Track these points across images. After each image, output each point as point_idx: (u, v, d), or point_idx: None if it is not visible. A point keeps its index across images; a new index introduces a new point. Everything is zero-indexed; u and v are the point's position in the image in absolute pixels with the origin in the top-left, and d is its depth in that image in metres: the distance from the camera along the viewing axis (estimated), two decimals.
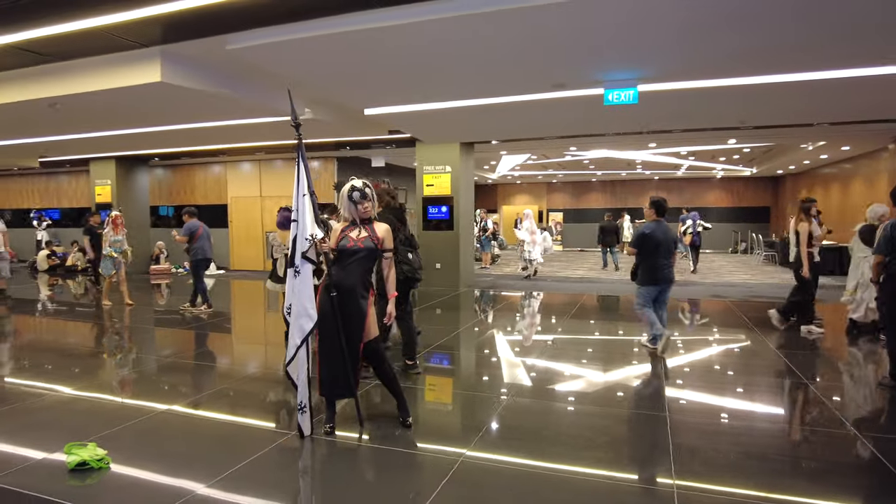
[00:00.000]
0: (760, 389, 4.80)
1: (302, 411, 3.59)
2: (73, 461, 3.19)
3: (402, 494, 2.98)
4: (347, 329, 3.59)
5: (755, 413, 4.26)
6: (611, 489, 3.00)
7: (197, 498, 2.91)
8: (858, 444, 3.59)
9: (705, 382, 4.97)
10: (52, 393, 4.67)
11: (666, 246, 5.57)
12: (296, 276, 3.57)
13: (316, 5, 4.51)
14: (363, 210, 3.63)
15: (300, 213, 3.58)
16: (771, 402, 4.51)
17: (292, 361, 3.59)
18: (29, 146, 11.13)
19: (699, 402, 4.46)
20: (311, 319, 3.55)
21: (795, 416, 4.28)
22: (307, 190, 3.59)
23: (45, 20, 4.89)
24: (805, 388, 4.76)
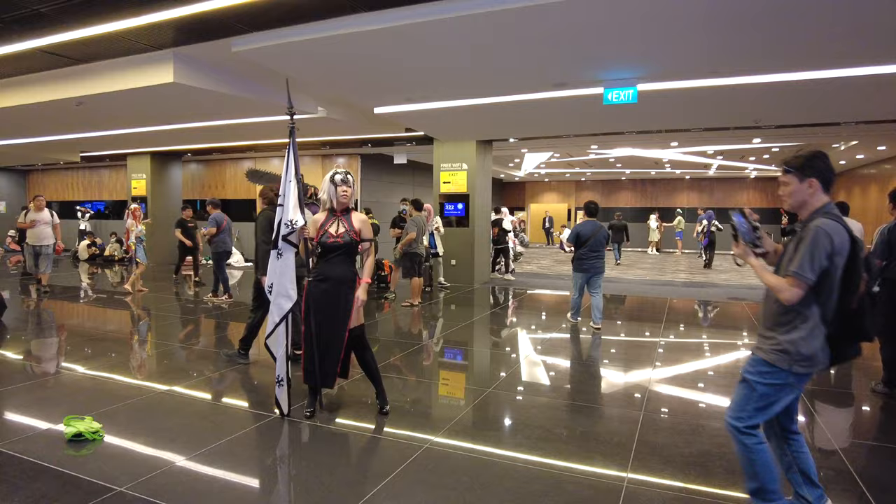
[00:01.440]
0: None
1: (279, 384, 3.82)
2: (69, 432, 3.48)
3: (363, 474, 3.16)
4: (335, 319, 3.76)
5: None
6: (560, 478, 3.10)
7: (175, 469, 3.16)
8: (828, 448, 3.58)
9: (691, 384, 4.98)
10: (66, 372, 5.05)
11: (595, 240, 6.69)
12: (278, 257, 3.78)
13: (314, 10, 4.71)
14: (342, 193, 3.73)
15: (285, 198, 3.77)
16: None
17: (271, 336, 3.83)
18: (68, 142, 11.79)
19: (680, 402, 4.49)
20: (290, 300, 3.78)
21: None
22: (294, 176, 3.78)
23: (66, 26, 5.25)
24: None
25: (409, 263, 8.49)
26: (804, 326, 2.32)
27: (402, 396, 4.45)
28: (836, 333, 2.32)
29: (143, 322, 7.67)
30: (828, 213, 2.31)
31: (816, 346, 2.32)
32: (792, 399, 2.45)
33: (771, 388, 2.39)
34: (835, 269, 2.26)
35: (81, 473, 3.04)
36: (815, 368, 2.36)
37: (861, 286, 2.22)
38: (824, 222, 2.27)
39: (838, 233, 2.24)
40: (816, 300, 2.30)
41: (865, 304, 2.25)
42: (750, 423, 2.42)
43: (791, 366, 2.33)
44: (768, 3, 4.20)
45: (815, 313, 2.30)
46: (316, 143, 12.99)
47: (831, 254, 2.23)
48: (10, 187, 20.45)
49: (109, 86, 6.18)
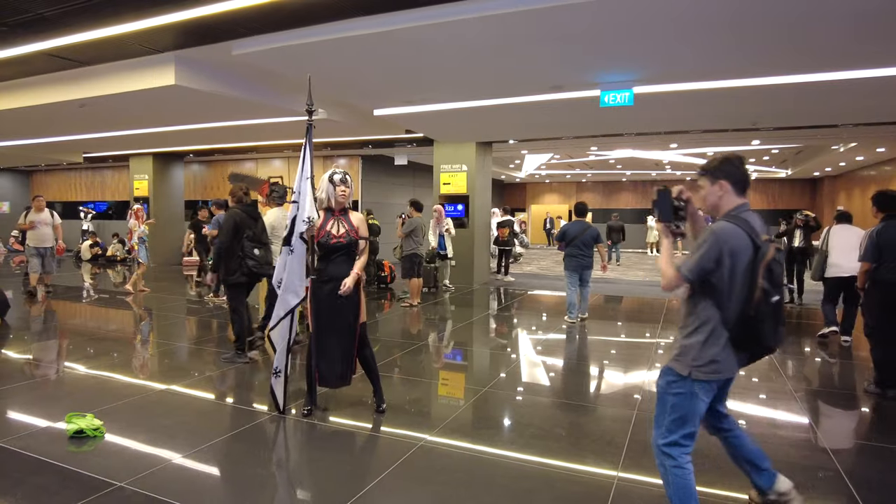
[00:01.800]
0: (745, 394, 4.82)
1: (276, 376, 3.88)
2: (71, 429, 3.55)
3: (358, 471, 3.22)
4: (344, 317, 3.82)
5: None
6: (552, 476, 3.16)
7: (174, 465, 3.22)
8: (818, 448, 3.63)
9: None
10: (68, 370, 5.12)
11: (581, 239, 7.06)
12: (290, 253, 3.82)
13: (313, 13, 4.78)
14: (340, 193, 3.78)
15: (301, 196, 3.80)
16: (752, 407, 4.54)
17: (275, 329, 3.91)
18: (71, 143, 11.88)
19: None
20: (297, 296, 3.85)
21: (769, 421, 4.31)
22: (309, 174, 3.82)
23: (70, 29, 5.32)
24: (790, 395, 4.77)
25: (409, 264, 8.55)
26: (703, 330, 2.27)
27: (398, 395, 4.50)
28: (736, 338, 2.25)
29: (144, 322, 7.74)
30: (734, 216, 2.27)
31: (715, 352, 2.25)
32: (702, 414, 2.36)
33: (678, 399, 2.31)
34: (728, 272, 2.20)
35: (82, 469, 3.10)
36: (717, 375, 2.28)
37: (756, 293, 2.14)
38: (720, 225, 2.24)
39: (734, 236, 2.20)
40: (714, 304, 2.25)
41: (764, 312, 2.15)
42: (668, 440, 2.34)
43: (690, 371, 2.28)
44: (765, 6, 4.25)
45: (713, 317, 2.25)
46: (317, 144, 13.03)
47: (720, 257, 2.19)
48: (13, 187, 20.57)
49: (112, 88, 6.25)
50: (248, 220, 5.21)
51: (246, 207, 5.29)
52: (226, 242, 5.12)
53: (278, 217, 5.88)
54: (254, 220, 5.28)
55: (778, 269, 2.18)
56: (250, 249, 5.14)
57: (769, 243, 2.19)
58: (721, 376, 2.30)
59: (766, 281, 2.14)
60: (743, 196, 2.33)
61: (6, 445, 3.39)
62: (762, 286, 2.13)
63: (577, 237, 7.06)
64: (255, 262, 5.17)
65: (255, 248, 5.18)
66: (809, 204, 21.00)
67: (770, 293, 2.15)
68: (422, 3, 4.55)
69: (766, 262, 2.15)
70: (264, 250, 5.28)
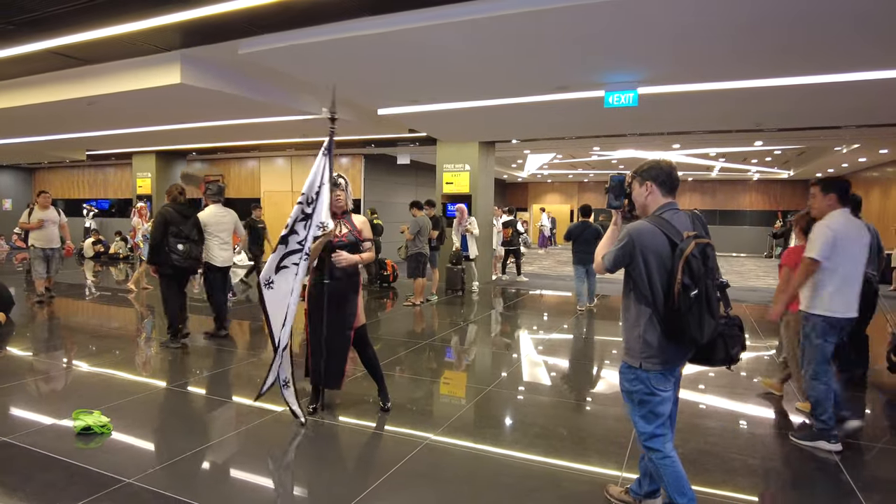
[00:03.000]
0: (744, 395, 4.84)
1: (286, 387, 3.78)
2: (78, 426, 3.57)
3: (363, 469, 3.24)
4: (340, 318, 3.83)
5: (734, 415, 4.33)
6: (556, 475, 3.18)
7: (180, 462, 3.23)
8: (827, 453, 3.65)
9: (691, 384, 5.04)
10: (74, 367, 5.15)
11: (583, 237, 8.06)
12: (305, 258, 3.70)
13: (319, 13, 4.79)
14: (335, 198, 3.80)
15: (318, 201, 3.71)
16: (754, 409, 4.56)
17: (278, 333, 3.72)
18: (75, 140, 11.90)
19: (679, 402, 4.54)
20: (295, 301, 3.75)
21: (776, 423, 4.32)
22: (328, 180, 3.74)
23: (77, 27, 5.33)
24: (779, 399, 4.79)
25: (414, 264, 8.57)
26: (639, 323, 2.40)
27: (402, 394, 4.52)
28: (665, 331, 2.33)
29: (146, 320, 7.76)
30: (656, 216, 2.40)
31: (654, 342, 2.36)
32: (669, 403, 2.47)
33: (639, 393, 2.44)
34: (643, 269, 2.32)
35: (90, 465, 3.12)
36: (666, 365, 2.39)
37: (675, 287, 2.23)
38: (635, 225, 2.38)
39: (649, 235, 2.32)
40: (643, 297, 2.36)
41: (686, 305, 2.22)
42: (645, 434, 2.46)
43: (640, 363, 2.40)
44: (770, 8, 4.26)
45: (644, 310, 2.37)
46: (320, 143, 13.07)
47: (633, 254, 2.33)
48: (16, 185, 20.60)
49: (118, 86, 6.27)
50: (178, 217, 5.65)
51: (177, 206, 5.72)
52: (156, 237, 5.59)
53: (214, 214, 6.14)
54: (184, 218, 5.70)
55: (697, 264, 2.22)
56: (174, 245, 5.58)
57: (691, 240, 2.26)
58: (666, 367, 2.40)
59: (685, 276, 2.22)
60: (669, 196, 2.45)
61: (14, 442, 3.41)
62: (680, 281, 2.22)
63: (580, 235, 8.13)
64: (178, 257, 5.60)
65: (179, 244, 5.61)
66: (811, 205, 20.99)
67: (689, 287, 2.22)
68: (429, 4, 4.56)
69: (684, 257, 2.22)
70: (190, 246, 5.68)
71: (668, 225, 2.34)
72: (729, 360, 2.41)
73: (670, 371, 2.43)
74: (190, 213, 5.80)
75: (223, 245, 6.14)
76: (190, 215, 5.77)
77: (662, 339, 2.35)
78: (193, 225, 5.79)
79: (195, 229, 5.80)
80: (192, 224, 5.76)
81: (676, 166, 2.54)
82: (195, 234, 5.78)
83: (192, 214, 5.81)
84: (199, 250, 5.82)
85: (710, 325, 2.26)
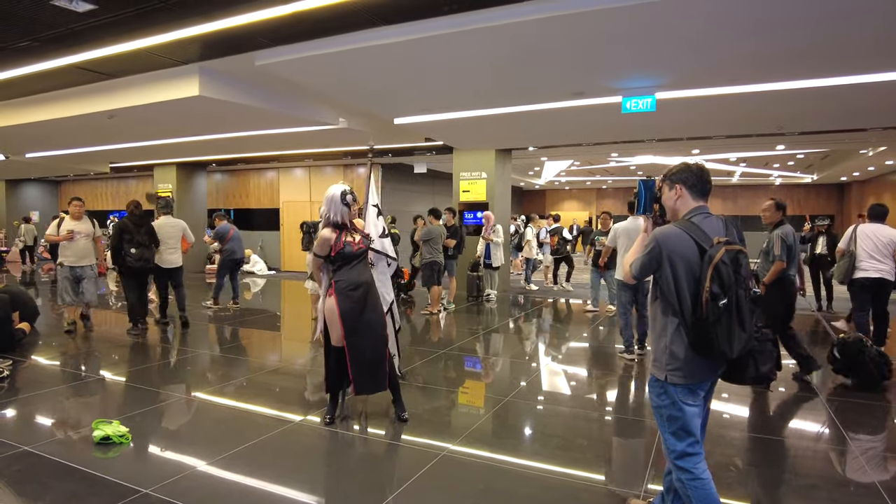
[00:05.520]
0: (742, 398, 4.71)
1: None
2: (98, 435, 3.60)
3: (380, 480, 3.21)
4: (375, 321, 3.88)
5: (756, 425, 4.22)
6: (576, 488, 3.10)
7: (198, 472, 3.24)
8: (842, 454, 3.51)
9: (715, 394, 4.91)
10: (94, 377, 5.20)
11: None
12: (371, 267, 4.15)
13: (334, 24, 4.83)
14: (354, 212, 3.91)
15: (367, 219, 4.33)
16: (778, 419, 4.43)
17: None
18: (99, 153, 12.16)
19: None
20: (386, 302, 4.18)
21: (797, 435, 4.19)
22: (372, 203, 4.42)
23: (99, 43, 5.45)
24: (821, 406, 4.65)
25: (429, 272, 8.54)
26: (666, 333, 2.29)
27: (419, 404, 4.48)
28: (693, 343, 2.21)
29: (168, 329, 7.83)
30: (686, 220, 2.30)
31: (680, 354, 2.23)
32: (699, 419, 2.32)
33: (665, 406, 2.31)
34: (671, 276, 2.22)
35: (109, 475, 3.14)
36: (689, 380, 2.24)
37: (703, 296, 2.10)
38: (663, 230, 2.28)
39: (677, 240, 2.22)
40: (670, 306, 2.26)
41: (714, 315, 2.10)
42: (676, 452, 2.31)
43: (665, 374, 2.28)
44: (791, 9, 4.18)
45: (673, 321, 2.26)
46: (337, 153, 13.19)
47: (661, 260, 2.23)
48: (42, 197, 21.11)
49: (139, 99, 6.39)
50: (132, 226, 6.72)
51: (132, 217, 6.84)
52: (114, 244, 6.66)
53: (163, 224, 7.34)
54: (137, 227, 6.74)
55: (727, 272, 2.11)
56: (128, 249, 6.67)
57: (721, 245, 2.15)
58: (693, 380, 2.26)
59: (714, 284, 2.10)
60: (701, 200, 2.35)
61: (34, 451, 3.45)
62: (708, 289, 2.10)
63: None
64: (132, 259, 6.67)
65: (133, 248, 6.67)
66: (837, 209, 20.57)
67: (718, 296, 2.10)
68: (443, 13, 4.57)
69: (713, 265, 2.11)
70: (141, 250, 6.73)
71: (698, 230, 2.22)
72: (760, 378, 2.28)
73: (699, 386, 2.28)
74: (143, 222, 6.85)
75: (170, 250, 7.25)
76: (143, 224, 6.82)
77: (690, 352, 2.22)
78: (146, 232, 6.83)
79: (147, 236, 6.83)
80: (144, 231, 6.80)
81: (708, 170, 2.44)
82: (147, 239, 6.81)
83: (144, 223, 6.85)
84: (150, 253, 6.87)
85: (740, 339, 2.12)
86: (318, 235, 3.90)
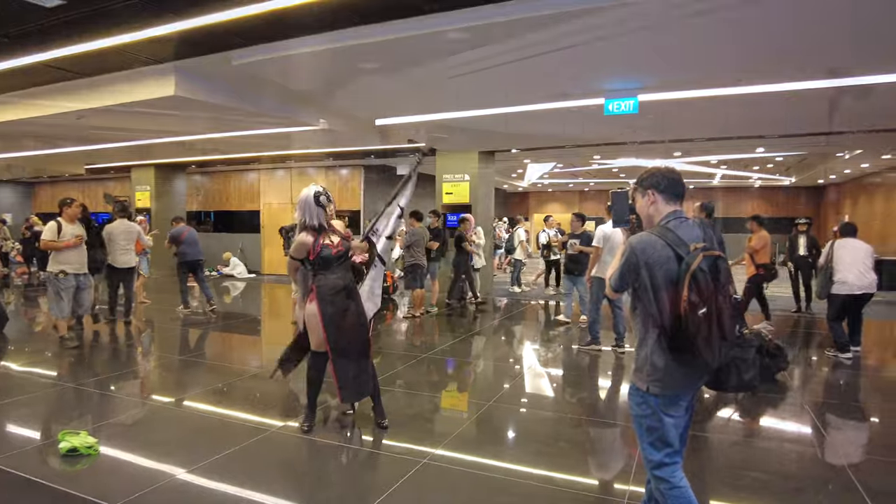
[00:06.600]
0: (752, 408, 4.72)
1: None
2: (64, 447, 3.45)
3: (361, 489, 3.12)
4: (358, 325, 3.78)
5: (731, 427, 4.21)
6: (559, 493, 3.05)
7: (171, 484, 3.12)
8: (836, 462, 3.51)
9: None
10: (62, 385, 5.03)
11: None
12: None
13: (312, 24, 4.72)
14: (330, 213, 3.80)
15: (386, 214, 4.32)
16: (760, 419, 4.43)
17: None
18: (73, 154, 11.86)
19: None
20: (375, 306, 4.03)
21: (781, 432, 4.19)
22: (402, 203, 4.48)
23: (70, 40, 5.27)
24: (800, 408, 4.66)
25: (411, 275, 8.46)
26: (646, 343, 2.20)
27: (401, 410, 4.40)
28: (673, 351, 2.13)
29: (143, 334, 7.65)
30: (660, 226, 2.21)
31: (661, 364, 2.15)
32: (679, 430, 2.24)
33: (646, 416, 2.22)
34: (649, 284, 2.14)
35: (75, 490, 3.01)
36: (672, 390, 2.17)
37: (682, 304, 2.03)
38: (637, 237, 2.21)
39: (651, 247, 2.14)
40: (649, 316, 2.17)
41: (694, 324, 2.02)
42: (653, 462, 2.23)
43: (647, 386, 2.19)
44: (767, 12, 4.19)
45: (651, 330, 2.18)
46: (318, 154, 13.02)
47: (637, 267, 2.15)
48: (15, 199, 20.60)
49: (112, 99, 6.20)
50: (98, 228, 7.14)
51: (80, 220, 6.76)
52: None
53: (118, 226, 7.43)
54: (86, 230, 6.62)
55: (704, 280, 2.04)
56: None
57: (699, 252, 2.08)
58: (674, 391, 2.18)
59: (692, 293, 2.02)
60: (674, 204, 2.26)
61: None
62: (686, 298, 2.03)
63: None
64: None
65: None
66: (814, 212, 20.90)
67: (696, 305, 2.02)
68: (421, 12, 4.49)
69: (690, 273, 2.03)
70: (93, 251, 6.77)
71: (674, 236, 2.14)
72: (743, 386, 2.22)
73: (680, 396, 2.21)
74: (90, 224, 6.97)
75: (122, 251, 7.37)
76: (90, 227, 6.89)
77: (671, 362, 2.14)
78: (96, 235, 7.04)
79: (97, 238, 7.09)
80: (94, 234, 6.95)
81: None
82: (97, 242, 7.03)
83: (92, 226, 7.00)
84: (101, 254, 7.12)
85: (721, 348, 2.06)
86: (294, 239, 3.80)
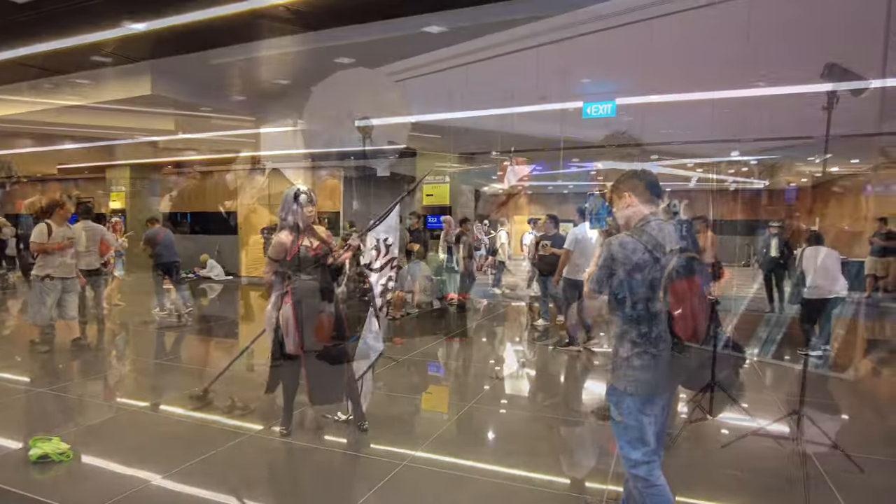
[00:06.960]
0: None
1: None
2: (35, 454, 3.36)
3: (339, 493, 3.10)
4: (332, 330, 3.76)
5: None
6: (541, 494, 3.08)
7: (147, 490, 3.07)
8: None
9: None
10: (33, 389, 4.90)
11: None
12: None
13: (288, 25, 4.71)
14: (309, 213, 3.73)
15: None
16: None
17: None
18: (45, 154, 11.60)
19: None
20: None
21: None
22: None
23: (44, 37, 5.18)
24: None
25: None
26: (624, 343, 2.23)
27: (380, 412, 4.38)
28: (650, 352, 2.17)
29: (117, 336, 7.50)
30: (637, 228, 2.24)
31: (639, 365, 2.18)
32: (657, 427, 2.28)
33: (623, 415, 2.24)
34: (626, 285, 2.17)
35: (47, 497, 2.94)
36: (649, 390, 2.20)
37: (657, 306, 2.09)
38: (616, 238, 2.23)
39: (628, 249, 2.17)
40: (626, 316, 2.21)
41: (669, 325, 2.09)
42: (630, 461, 2.25)
43: (625, 386, 2.21)
44: (741, 20, 4.30)
45: (630, 330, 2.22)
46: (298, 155, 12.94)
47: (614, 270, 2.18)
48: None
49: (86, 97, 6.10)
50: None
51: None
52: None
53: (82, 228, 7.08)
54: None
55: (680, 280, 2.09)
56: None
57: (674, 254, 2.12)
58: (651, 391, 2.21)
59: (668, 293, 2.08)
60: (651, 206, 2.28)
61: None
62: (662, 300, 2.08)
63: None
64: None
65: None
66: (788, 214, 21.36)
67: (673, 305, 2.07)
68: (404, 13, 4.50)
69: (666, 274, 2.09)
70: None
71: (650, 238, 2.16)
72: (716, 385, 2.29)
73: (657, 396, 2.24)
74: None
75: (86, 252, 7.01)
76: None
77: (648, 362, 2.17)
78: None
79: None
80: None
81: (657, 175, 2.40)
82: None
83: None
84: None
85: (697, 347, 2.11)
86: (273, 238, 3.76)
